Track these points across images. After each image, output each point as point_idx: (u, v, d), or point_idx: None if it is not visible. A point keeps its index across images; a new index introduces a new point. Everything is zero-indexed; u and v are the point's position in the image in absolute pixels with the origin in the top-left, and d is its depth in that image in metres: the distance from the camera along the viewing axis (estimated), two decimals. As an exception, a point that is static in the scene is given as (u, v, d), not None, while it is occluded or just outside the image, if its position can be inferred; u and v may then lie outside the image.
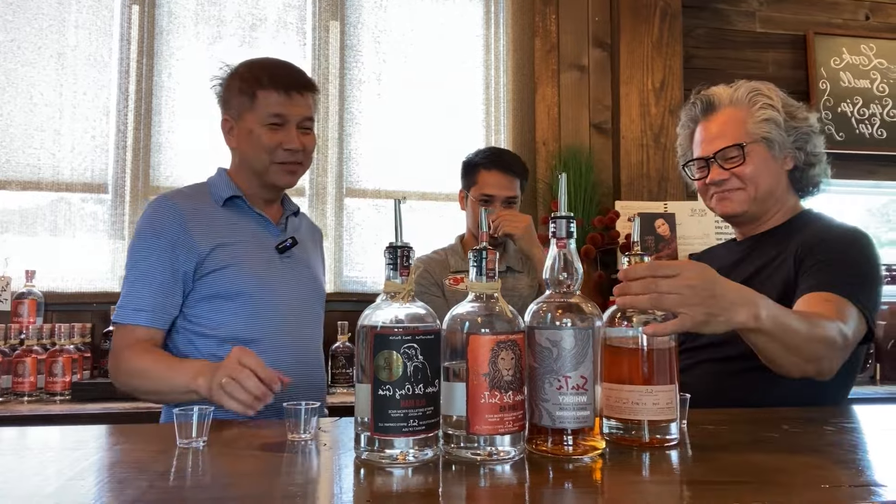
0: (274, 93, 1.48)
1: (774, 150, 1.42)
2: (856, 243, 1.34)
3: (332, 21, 2.89)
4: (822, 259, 1.30)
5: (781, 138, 1.42)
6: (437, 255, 2.23)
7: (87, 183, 2.63)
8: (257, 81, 1.49)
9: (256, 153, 1.50)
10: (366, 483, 0.75)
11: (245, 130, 1.51)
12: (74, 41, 2.67)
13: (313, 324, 1.61)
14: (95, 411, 2.03)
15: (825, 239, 1.34)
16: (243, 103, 1.50)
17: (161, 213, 1.47)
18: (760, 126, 1.42)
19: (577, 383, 0.82)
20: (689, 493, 0.73)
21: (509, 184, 2.12)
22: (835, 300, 1.22)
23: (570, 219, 0.89)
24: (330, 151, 2.83)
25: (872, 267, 1.32)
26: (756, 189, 1.42)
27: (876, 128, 3.26)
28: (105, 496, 0.70)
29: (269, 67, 1.53)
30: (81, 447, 0.93)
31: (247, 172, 1.55)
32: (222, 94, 1.57)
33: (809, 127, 1.43)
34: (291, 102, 1.49)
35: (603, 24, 3.09)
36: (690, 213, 2.82)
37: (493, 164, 2.13)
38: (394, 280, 0.86)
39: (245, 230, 1.52)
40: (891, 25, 3.38)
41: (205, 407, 0.91)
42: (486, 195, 2.10)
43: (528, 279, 2.20)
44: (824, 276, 1.27)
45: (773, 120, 1.42)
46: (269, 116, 1.48)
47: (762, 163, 1.42)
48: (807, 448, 0.92)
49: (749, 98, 1.44)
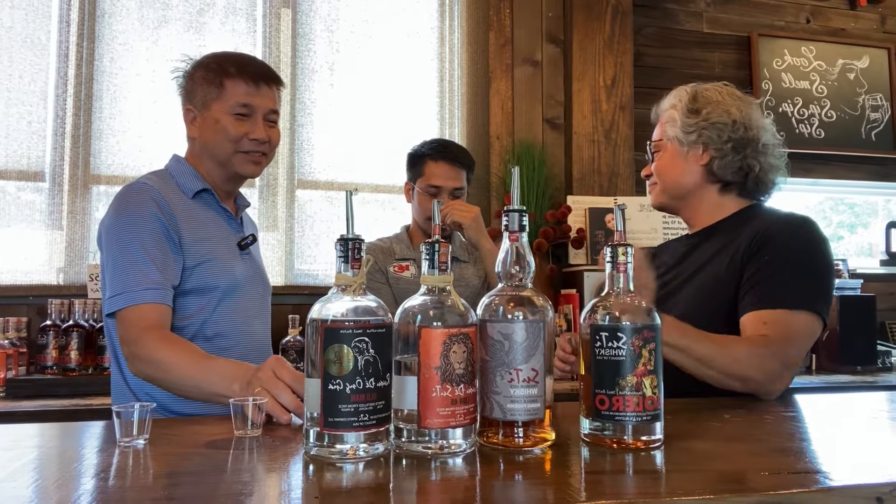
0: (242, 83, 1.48)
1: (680, 147, 1.50)
2: (799, 234, 1.36)
3: (283, 8, 2.83)
4: (767, 259, 1.33)
5: (681, 135, 1.49)
6: (381, 243, 2.22)
7: (23, 171, 2.51)
8: (224, 71, 1.48)
9: (221, 142, 1.48)
10: (315, 479, 0.74)
11: (210, 120, 1.49)
12: (10, 22, 2.54)
13: (265, 318, 1.64)
14: (32, 409, 1.94)
15: (768, 234, 1.36)
16: (209, 93, 1.49)
17: (143, 196, 1.41)
18: (666, 126, 1.53)
19: (528, 376, 0.83)
20: (634, 481, 0.74)
21: (456, 175, 2.13)
22: (773, 320, 1.27)
23: (522, 212, 0.89)
24: (282, 142, 2.76)
25: (818, 257, 1.34)
26: (664, 184, 1.54)
27: (815, 128, 3.39)
28: (39, 497, 0.66)
29: (236, 58, 1.54)
30: (15, 446, 0.88)
31: (209, 163, 1.53)
32: (185, 85, 1.55)
33: (706, 121, 1.47)
34: (259, 93, 1.49)
35: (556, 19, 3.12)
36: (639, 209, 2.88)
37: (441, 155, 2.13)
38: (345, 273, 0.84)
39: (214, 225, 1.52)
40: (830, 29, 3.51)
41: (146, 404, 0.88)
42: (433, 186, 2.11)
43: (474, 269, 2.21)
44: (768, 286, 1.30)
45: (672, 119, 1.52)
46: (237, 106, 1.48)
47: (668, 159, 1.53)
48: (747, 436, 0.95)
49: (670, 101, 1.55)
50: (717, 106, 1.48)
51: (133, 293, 1.33)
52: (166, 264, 1.38)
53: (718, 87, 1.52)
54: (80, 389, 2.10)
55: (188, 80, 1.54)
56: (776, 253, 1.33)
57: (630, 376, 0.85)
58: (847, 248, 3.76)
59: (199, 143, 1.53)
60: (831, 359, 2.73)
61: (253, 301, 1.57)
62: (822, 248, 1.36)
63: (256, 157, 1.52)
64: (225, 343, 1.48)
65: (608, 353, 0.86)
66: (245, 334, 1.53)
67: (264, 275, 1.67)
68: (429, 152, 2.14)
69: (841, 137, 3.41)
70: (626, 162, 3.04)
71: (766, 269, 1.32)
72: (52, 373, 2.22)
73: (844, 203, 3.82)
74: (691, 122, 1.48)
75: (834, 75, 3.44)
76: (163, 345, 1.30)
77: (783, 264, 1.32)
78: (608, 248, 0.93)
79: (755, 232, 1.38)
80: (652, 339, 0.86)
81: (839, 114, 3.43)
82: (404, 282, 2.13)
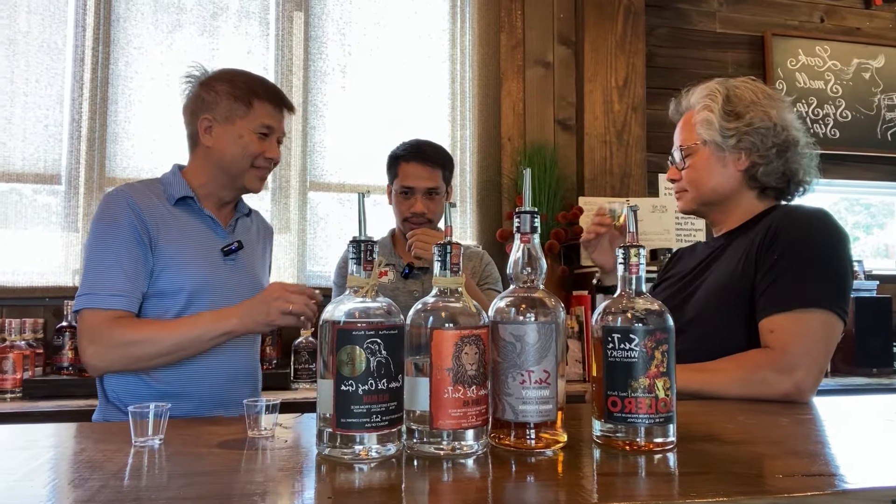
0: (269, 105, 1.60)
1: (718, 152, 1.42)
2: (813, 227, 1.31)
3: (296, 12, 2.85)
4: (779, 255, 1.28)
5: (719, 139, 1.41)
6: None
7: (40, 174, 2.54)
8: (254, 93, 1.59)
9: (240, 156, 1.58)
10: (328, 479, 0.74)
11: (233, 134, 1.57)
12: (26, 27, 2.57)
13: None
14: (48, 409, 1.97)
15: (780, 227, 1.31)
16: (236, 109, 1.57)
17: (119, 204, 1.50)
18: (699, 128, 1.43)
19: (539, 377, 0.83)
20: (647, 484, 0.74)
21: (429, 175, 2.09)
22: (779, 326, 1.24)
23: (534, 214, 0.89)
24: (293, 144, 2.79)
25: (833, 252, 1.29)
26: (697, 191, 1.46)
27: (829, 128, 3.36)
28: (55, 497, 0.67)
29: (263, 82, 1.64)
30: (32, 446, 0.90)
31: (215, 171, 1.60)
32: (203, 94, 1.59)
33: (749, 126, 1.39)
34: (280, 117, 1.63)
35: (567, 21, 3.12)
36: (652, 210, 2.87)
37: (412, 155, 2.11)
38: (357, 274, 0.85)
39: (192, 230, 1.57)
40: (844, 28, 3.48)
41: (161, 405, 0.89)
42: (405, 187, 2.09)
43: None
44: (779, 286, 1.26)
45: (708, 121, 1.42)
46: (261, 126, 1.58)
47: (703, 165, 1.44)
48: (761, 439, 0.95)
49: (700, 99, 1.45)
50: (757, 109, 1.40)
51: (100, 296, 1.43)
52: (137, 272, 1.46)
53: (748, 83, 1.44)
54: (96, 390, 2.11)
55: (208, 90, 1.58)
56: (788, 248, 1.28)
57: (642, 378, 0.85)
58: (863, 249, 3.72)
59: (213, 152, 1.58)
60: (847, 361, 2.70)
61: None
62: (837, 242, 1.30)
63: (264, 174, 1.64)
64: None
65: (620, 355, 0.86)
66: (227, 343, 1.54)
67: (255, 280, 1.69)
68: (401, 153, 2.13)
69: (856, 138, 3.37)
70: (639, 163, 3.03)
71: (778, 267, 1.27)
72: (68, 373, 2.24)
73: (860, 204, 3.78)
74: (731, 126, 1.40)
75: (849, 75, 3.41)
76: (137, 324, 1.44)
77: (796, 260, 1.27)
78: (620, 249, 0.92)
79: (768, 226, 1.33)
80: (665, 341, 0.86)
81: (854, 114, 3.39)
82: (382, 288, 2.10)
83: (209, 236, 1.59)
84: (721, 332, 1.32)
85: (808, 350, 1.23)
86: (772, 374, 1.22)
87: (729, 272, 1.36)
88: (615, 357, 0.86)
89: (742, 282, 1.32)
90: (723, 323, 1.30)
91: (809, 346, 1.23)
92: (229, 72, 1.64)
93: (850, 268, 1.31)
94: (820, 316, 1.24)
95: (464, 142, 2.96)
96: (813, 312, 1.24)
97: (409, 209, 2.08)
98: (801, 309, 1.24)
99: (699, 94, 1.46)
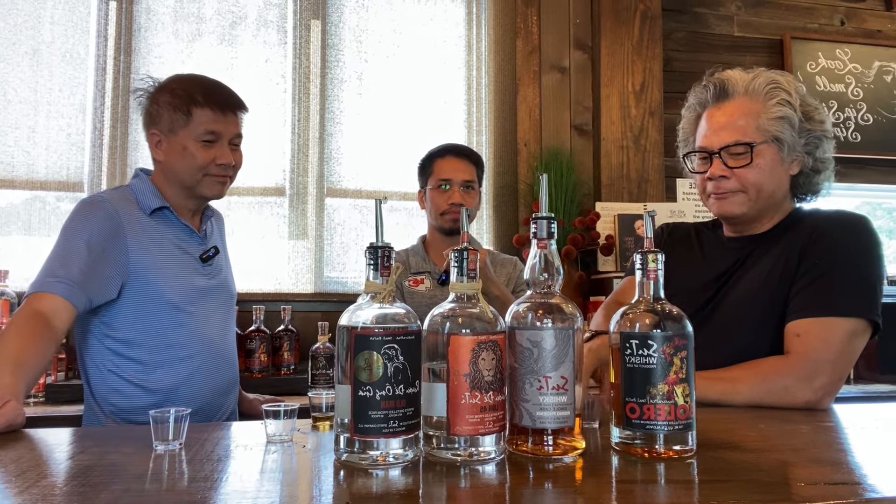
0: (209, 111, 1.53)
1: (784, 153, 1.30)
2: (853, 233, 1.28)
3: (313, 20, 2.87)
4: (817, 259, 1.26)
5: (793, 140, 1.30)
6: (397, 256, 2.21)
7: (63, 181, 2.59)
8: (192, 99, 1.53)
9: (188, 168, 1.54)
10: (345, 484, 0.75)
11: (178, 146, 1.54)
12: (50, 37, 2.62)
13: (227, 328, 1.70)
14: (70, 413, 1.99)
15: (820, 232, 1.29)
16: (176, 120, 1.53)
17: (96, 209, 1.49)
18: (774, 124, 1.29)
19: (557, 383, 0.83)
20: (666, 491, 0.73)
21: (465, 168, 2.14)
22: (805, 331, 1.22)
23: (551, 219, 0.89)
24: (311, 151, 2.81)
25: (869, 259, 1.27)
26: (757, 194, 1.32)
27: (850, 131, 3.31)
28: (77, 501, 0.68)
29: (203, 85, 1.57)
30: (54, 450, 0.91)
31: (174, 185, 1.59)
32: (149, 108, 1.58)
33: (824, 132, 1.33)
34: (225, 120, 1.55)
35: (584, 26, 3.11)
36: (669, 215, 2.85)
37: (447, 151, 2.17)
38: (374, 280, 0.85)
39: (170, 240, 1.57)
40: (865, 31, 3.44)
41: (181, 409, 0.90)
42: (442, 180, 2.12)
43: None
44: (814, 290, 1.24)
45: (788, 119, 1.29)
46: (204, 133, 1.53)
47: (769, 166, 1.30)
48: (783, 446, 0.94)
49: (766, 90, 1.31)
50: (822, 113, 1.32)
51: (46, 282, 1.38)
52: (94, 273, 1.42)
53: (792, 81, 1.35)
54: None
55: (152, 103, 1.58)
56: (828, 252, 1.26)
57: (661, 384, 0.84)
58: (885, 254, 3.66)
59: (165, 167, 1.58)
60: (870, 368, 2.66)
61: (214, 312, 1.63)
62: (875, 249, 1.28)
63: (222, 179, 1.59)
64: (183, 353, 1.54)
65: (638, 361, 0.85)
66: (205, 344, 1.58)
67: (228, 285, 1.71)
68: (435, 152, 2.19)
69: (878, 141, 3.33)
70: (656, 168, 3.01)
71: (815, 270, 1.26)
72: (90, 378, 2.26)
73: (882, 208, 3.73)
74: (809, 127, 1.30)
75: (870, 78, 3.37)
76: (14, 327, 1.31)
77: (834, 265, 1.25)
78: (638, 254, 0.92)
79: (812, 229, 1.30)
80: (683, 347, 0.85)
81: (876, 117, 3.35)
82: (419, 296, 2.11)
83: (186, 245, 1.60)
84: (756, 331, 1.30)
85: (831, 357, 1.21)
86: (793, 382, 1.20)
87: (765, 274, 1.32)
88: (633, 363, 0.86)
89: (782, 283, 1.29)
90: (756, 327, 1.28)
91: (833, 353, 1.22)
92: (172, 80, 1.60)
93: (884, 275, 1.30)
94: (849, 324, 1.23)
95: (480, 147, 2.96)
96: (843, 320, 1.23)
97: (447, 201, 2.10)
98: (832, 316, 1.23)
99: (763, 84, 1.32)
